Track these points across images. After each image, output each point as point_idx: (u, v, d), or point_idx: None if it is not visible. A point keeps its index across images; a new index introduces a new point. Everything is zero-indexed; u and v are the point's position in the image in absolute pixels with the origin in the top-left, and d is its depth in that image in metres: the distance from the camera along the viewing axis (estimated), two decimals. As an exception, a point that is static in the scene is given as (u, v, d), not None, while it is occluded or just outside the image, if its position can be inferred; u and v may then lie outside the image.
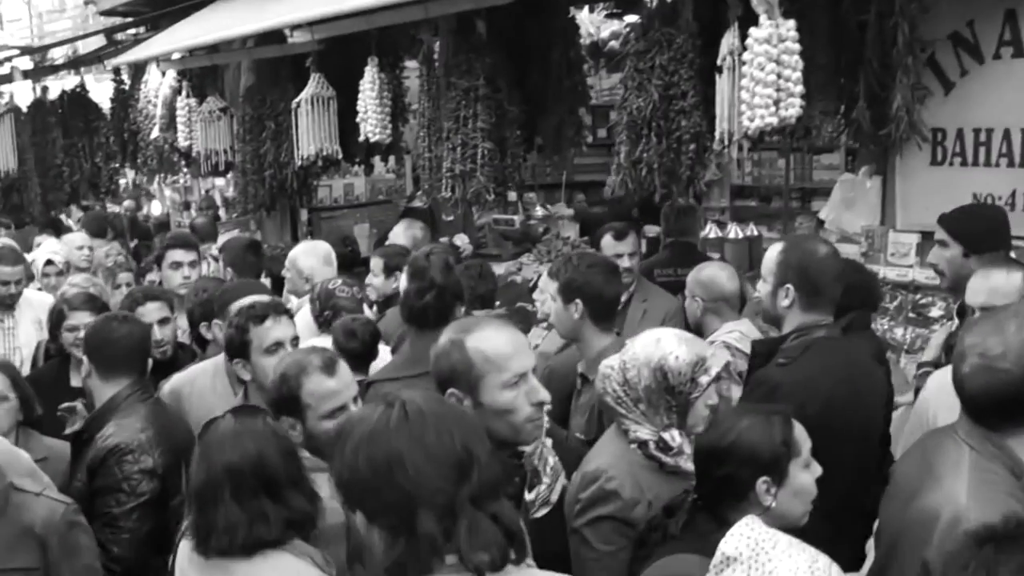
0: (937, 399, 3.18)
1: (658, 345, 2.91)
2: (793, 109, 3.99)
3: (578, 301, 3.80)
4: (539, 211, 8.96)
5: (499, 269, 7.20)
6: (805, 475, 2.58)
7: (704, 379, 2.88)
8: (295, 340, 3.71)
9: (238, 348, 3.66)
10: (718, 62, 4.10)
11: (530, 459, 2.63)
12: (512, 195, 7.33)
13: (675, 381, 2.85)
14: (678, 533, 2.54)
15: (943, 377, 3.17)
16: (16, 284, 5.87)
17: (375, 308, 5.26)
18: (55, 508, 3.00)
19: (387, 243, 6.07)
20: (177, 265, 5.55)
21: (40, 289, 6.53)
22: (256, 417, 2.88)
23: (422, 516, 1.82)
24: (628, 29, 7.41)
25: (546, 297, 4.44)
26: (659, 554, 2.51)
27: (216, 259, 6.45)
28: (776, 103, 3.96)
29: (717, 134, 4.14)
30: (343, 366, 3.10)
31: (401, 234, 6.22)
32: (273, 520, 2.65)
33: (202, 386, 4.03)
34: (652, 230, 7.96)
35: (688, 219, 6.18)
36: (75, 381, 4.40)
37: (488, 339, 2.58)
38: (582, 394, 3.76)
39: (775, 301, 3.49)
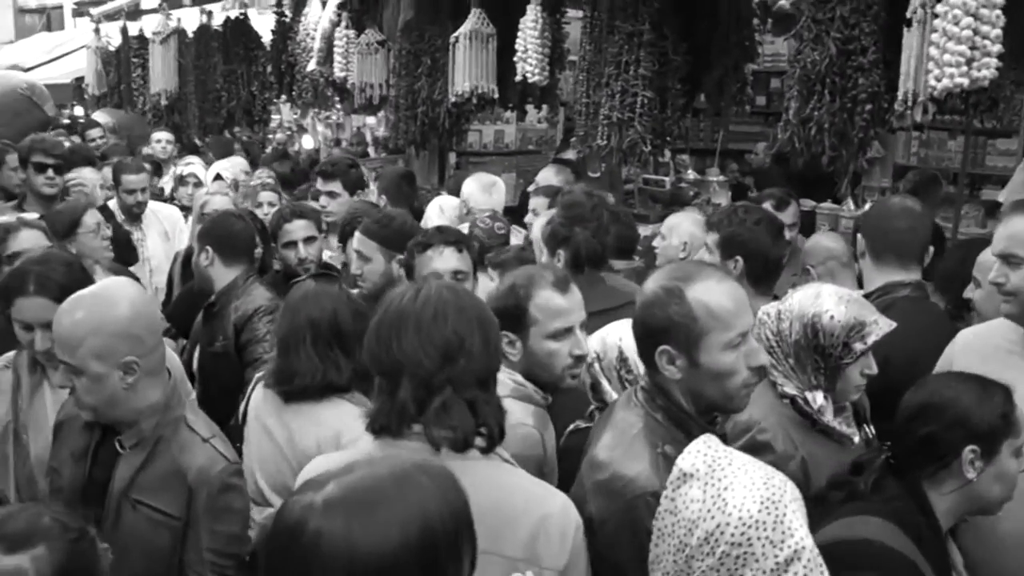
0: (962, 358, 3.09)
1: (815, 300, 2.75)
2: (987, 70, 3.63)
3: (738, 258, 3.63)
4: (691, 174, 8.74)
5: (644, 231, 7.03)
6: (1013, 461, 2.38)
7: (858, 345, 2.69)
8: (458, 274, 3.58)
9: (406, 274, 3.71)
10: (907, 14, 3.79)
11: (722, 424, 2.47)
12: (665, 155, 7.16)
13: (826, 342, 2.70)
14: (867, 492, 2.36)
15: (969, 335, 3.17)
16: (141, 192, 6.07)
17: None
18: (215, 460, 2.70)
19: (536, 186, 5.99)
20: (318, 194, 5.65)
21: (172, 200, 6.74)
22: (333, 283, 3.49)
23: (403, 384, 2.12)
24: (800, -12, 7.08)
25: (681, 244, 4.25)
26: (841, 513, 2.33)
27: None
28: (969, 62, 3.64)
29: (900, 93, 3.82)
30: (575, 287, 2.94)
31: (552, 177, 6.13)
32: (343, 369, 3.15)
33: None
34: (806, 203, 7.63)
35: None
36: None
37: (712, 291, 2.33)
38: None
39: (854, 251, 3.50)
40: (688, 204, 7.52)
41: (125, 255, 5.41)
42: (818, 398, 2.71)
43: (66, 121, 10.95)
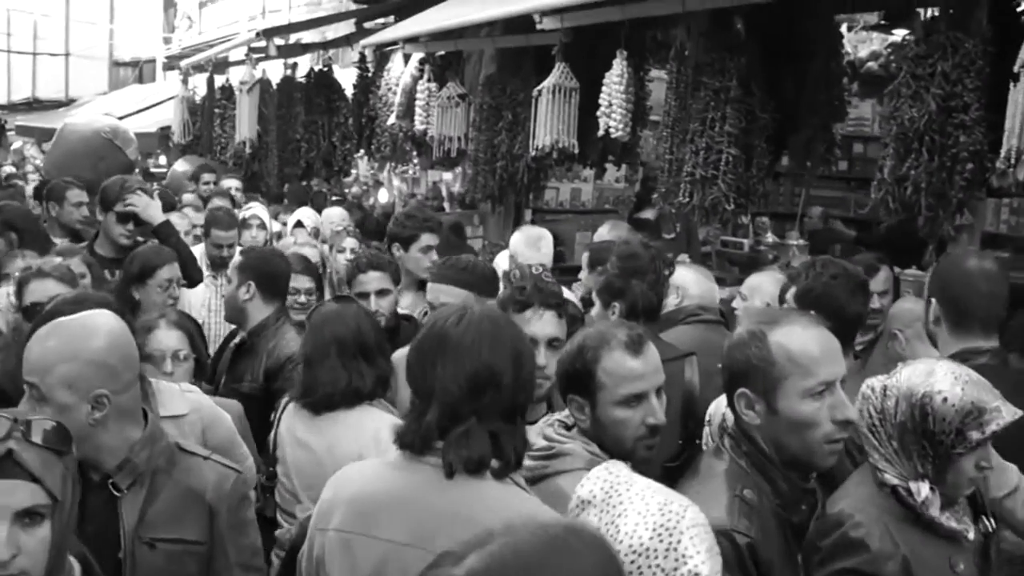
0: None
1: (927, 378, 2.39)
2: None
3: (812, 314, 3.43)
4: (770, 237, 8.57)
5: (721, 293, 6.86)
6: None
7: (975, 434, 2.33)
8: (555, 341, 3.25)
9: None
10: (1016, 68, 3.64)
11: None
12: (744, 217, 6.99)
13: (936, 427, 2.34)
14: None
15: None
16: (228, 248, 6.01)
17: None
18: (225, 475, 2.63)
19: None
20: (428, 249, 5.11)
21: None
22: (352, 302, 3.69)
23: (432, 408, 2.22)
24: (889, 49, 6.94)
25: (764, 305, 4.05)
26: None
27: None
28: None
29: (1003, 151, 3.67)
30: (651, 347, 2.67)
31: (606, 233, 6.01)
32: (367, 377, 3.37)
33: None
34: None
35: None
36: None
37: (795, 336, 2.31)
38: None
39: (926, 319, 3.33)
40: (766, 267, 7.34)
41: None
42: (923, 489, 2.37)
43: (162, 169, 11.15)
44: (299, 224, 6.94)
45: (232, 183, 8.66)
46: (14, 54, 30.80)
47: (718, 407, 2.75)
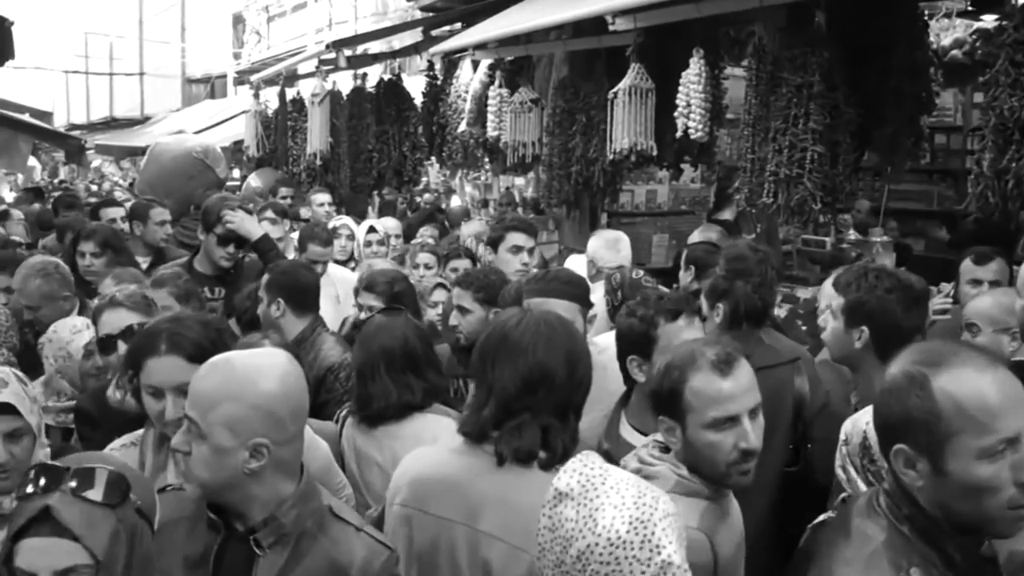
0: None
1: None
2: None
3: (864, 328, 3.19)
4: (852, 234, 8.33)
5: (804, 293, 6.68)
6: None
7: None
8: None
9: (638, 341, 3.11)
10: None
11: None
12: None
13: None
14: None
15: None
16: (324, 265, 5.98)
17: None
18: (376, 551, 2.33)
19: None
20: (517, 249, 5.10)
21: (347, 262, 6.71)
22: (400, 314, 3.69)
23: (491, 402, 2.45)
24: (975, 36, 6.68)
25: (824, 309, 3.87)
26: None
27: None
28: None
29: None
30: (744, 366, 2.48)
31: (698, 236, 5.89)
32: (416, 389, 3.43)
33: None
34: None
35: None
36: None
37: (967, 381, 1.88)
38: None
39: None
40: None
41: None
42: None
43: (235, 183, 11.27)
44: (372, 229, 6.94)
45: (323, 198, 8.62)
46: (92, 75, 31.63)
47: (855, 424, 2.61)
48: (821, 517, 2.49)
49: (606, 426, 3.01)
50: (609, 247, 5.37)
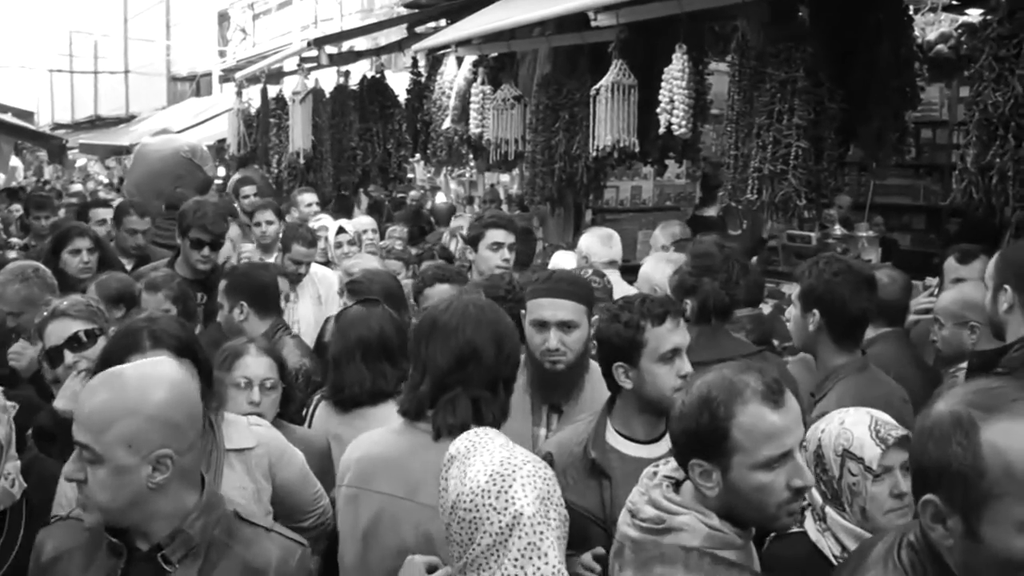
0: None
1: None
2: None
3: (815, 312, 3.42)
4: (838, 229, 8.29)
5: (790, 289, 6.63)
6: None
7: None
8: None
9: (624, 348, 2.91)
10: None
11: None
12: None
13: None
14: None
15: None
16: (307, 266, 5.94)
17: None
18: (290, 548, 2.33)
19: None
20: (497, 246, 5.09)
21: (329, 262, 6.67)
22: (377, 305, 3.76)
23: (426, 380, 2.68)
24: (960, 30, 6.64)
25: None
26: None
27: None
28: None
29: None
30: (790, 396, 2.18)
31: (660, 235, 5.96)
32: (389, 377, 3.55)
33: None
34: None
35: None
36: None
37: (1022, 436, 1.62)
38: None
39: (995, 307, 3.20)
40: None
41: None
42: None
43: (219, 182, 11.20)
44: (341, 230, 6.94)
45: (310, 198, 8.53)
46: (77, 74, 31.45)
47: (813, 431, 2.54)
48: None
49: (592, 434, 2.92)
50: (604, 242, 5.48)
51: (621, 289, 4.87)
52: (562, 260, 5.86)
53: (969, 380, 2.58)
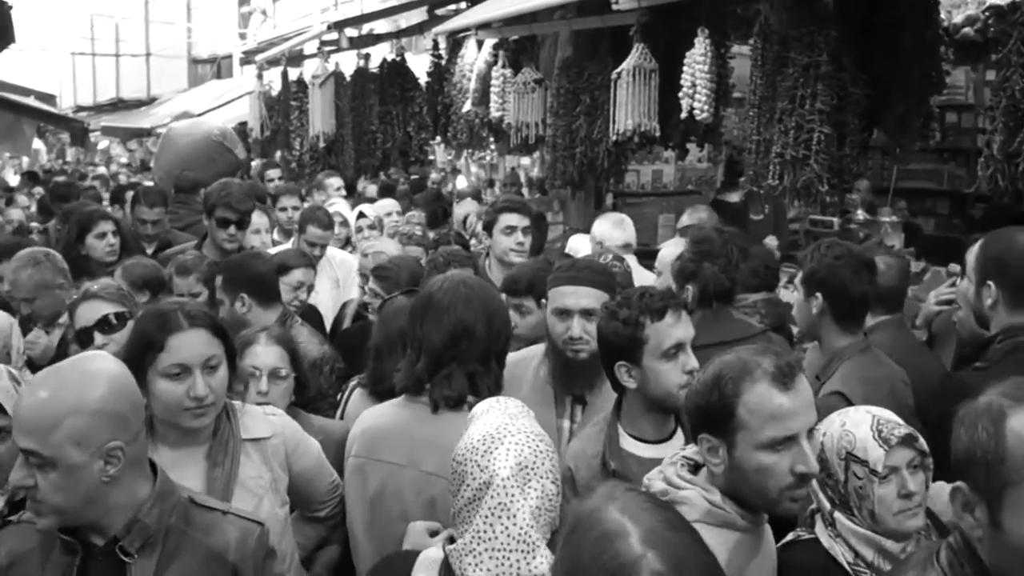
0: None
1: None
2: None
3: (818, 295, 3.49)
4: (860, 214, 8.23)
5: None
6: None
7: None
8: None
9: (625, 346, 2.87)
10: None
11: None
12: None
13: None
14: None
15: None
16: (321, 247, 5.93)
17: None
18: (247, 529, 2.36)
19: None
20: (511, 229, 5.04)
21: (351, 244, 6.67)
22: None
23: (422, 359, 2.86)
24: (988, 13, 6.56)
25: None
26: None
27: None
28: None
29: None
30: (803, 378, 2.21)
31: (687, 220, 5.91)
32: None
33: (519, 374, 3.51)
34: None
35: None
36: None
37: None
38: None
39: (980, 301, 3.19)
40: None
41: None
42: None
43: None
44: (361, 215, 6.93)
45: (337, 182, 8.50)
46: (98, 57, 31.58)
47: (819, 428, 2.49)
48: (789, 536, 2.43)
49: (606, 442, 2.86)
50: (616, 226, 5.50)
51: (638, 274, 4.87)
52: (579, 243, 5.86)
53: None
